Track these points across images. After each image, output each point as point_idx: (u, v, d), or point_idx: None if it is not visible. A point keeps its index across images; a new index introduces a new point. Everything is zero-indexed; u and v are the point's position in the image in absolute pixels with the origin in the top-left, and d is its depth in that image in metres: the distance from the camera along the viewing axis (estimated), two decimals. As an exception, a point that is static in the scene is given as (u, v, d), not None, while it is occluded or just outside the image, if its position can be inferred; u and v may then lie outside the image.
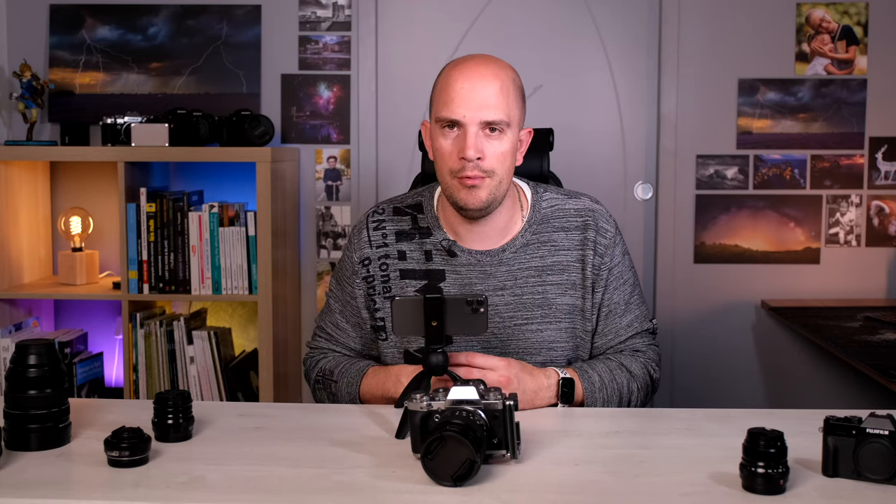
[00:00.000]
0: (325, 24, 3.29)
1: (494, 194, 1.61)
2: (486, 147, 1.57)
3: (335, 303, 1.81)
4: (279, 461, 1.29)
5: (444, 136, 1.60)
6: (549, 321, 1.69)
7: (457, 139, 1.58)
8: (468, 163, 1.56)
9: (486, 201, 1.60)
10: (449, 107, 1.58)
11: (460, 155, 1.57)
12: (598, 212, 1.74)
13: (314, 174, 3.32)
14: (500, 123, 1.58)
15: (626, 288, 1.75)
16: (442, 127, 1.60)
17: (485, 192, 1.59)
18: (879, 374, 2.20)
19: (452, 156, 1.59)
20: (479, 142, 1.57)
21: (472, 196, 1.59)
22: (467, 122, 1.57)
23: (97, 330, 3.28)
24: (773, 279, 3.27)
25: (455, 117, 1.57)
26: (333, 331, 1.81)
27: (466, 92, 1.57)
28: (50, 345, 1.35)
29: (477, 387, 1.27)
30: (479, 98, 1.57)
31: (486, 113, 1.57)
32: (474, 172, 1.57)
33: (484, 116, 1.57)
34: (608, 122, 3.32)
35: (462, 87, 1.57)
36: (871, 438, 1.17)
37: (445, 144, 1.60)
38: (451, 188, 1.61)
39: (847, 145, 3.24)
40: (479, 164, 1.57)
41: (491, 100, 1.57)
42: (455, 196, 1.61)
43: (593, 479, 1.24)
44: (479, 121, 1.57)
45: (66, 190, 3.31)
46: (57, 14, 3.31)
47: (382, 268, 1.73)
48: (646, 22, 3.29)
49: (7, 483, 1.20)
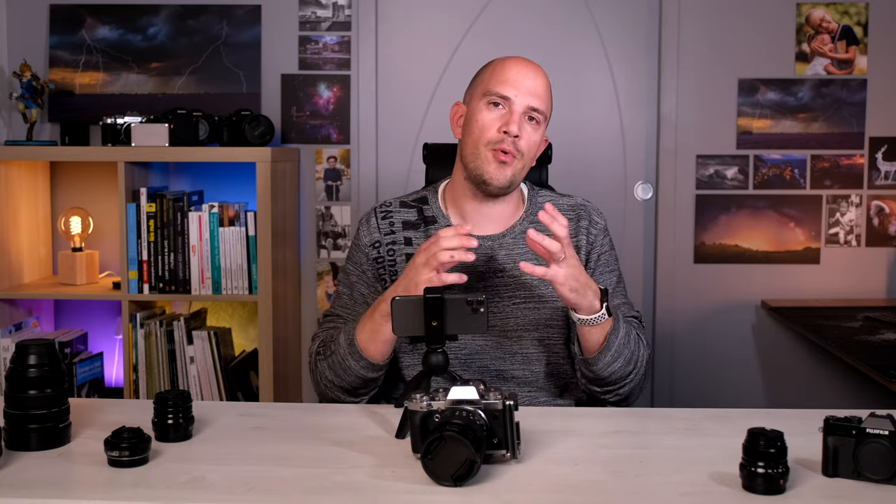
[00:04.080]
0: (325, 24, 3.29)
1: (517, 176, 1.73)
2: (524, 130, 1.70)
3: (344, 288, 1.84)
4: (279, 461, 1.29)
5: (489, 110, 1.71)
6: (546, 301, 1.76)
7: (502, 115, 1.70)
8: (508, 137, 1.68)
9: (510, 180, 1.71)
10: (503, 84, 1.70)
11: (503, 128, 1.68)
12: (589, 206, 1.87)
13: (314, 174, 3.32)
14: (541, 113, 1.72)
15: (613, 277, 1.82)
16: (488, 103, 1.71)
17: (511, 171, 1.70)
18: (879, 374, 2.20)
19: (494, 128, 1.70)
20: (521, 122, 1.69)
21: (501, 172, 1.70)
22: (516, 101, 1.69)
23: (97, 330, 3.28)
24: (773, 279, 3.27)
25: (507, 94, 1.69)
26: (343, 311, 1.81)
27: (521, 77, 1.70)
28: (50, 345, 1.35)
29: (477, 387, 1.27)
30: (530, 85, 1.70)
31: (533, 99, 1.70)
32: (510, 147, 1.69)
33: (531, 102, 1.70)
34: (608, 122, 3.32)
35: (518, 72, 1.71)
36: (871, 438, 1.17)
37: (489, 117, 1.71)
38: (482, 160, 1.71)
39: (847, 145, 3.24)
40: (516, 142, 1.69)
41: (539, 90, 1.72)
42: (483, 168, 1.71)
43: (593, 479, 1.24)
44: (526, 104, 1.70)
45: (66, 190, 3.31)
46: (57, 14, 3.31)
47: (390, 253, 1.81)
48: (646, 22, 3.29)
49: (7, 483, 1.20)
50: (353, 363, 1.65)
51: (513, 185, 1.73)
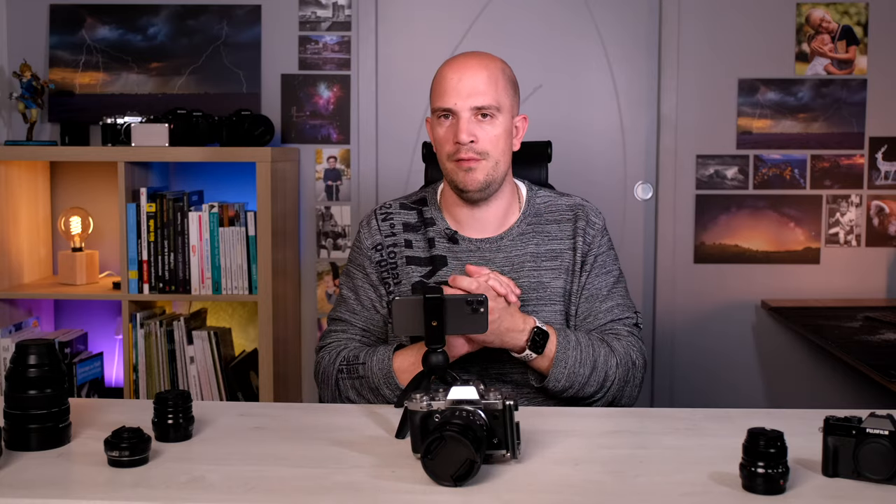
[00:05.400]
0: (325, 24, 3.29)
1: (491, 176, 1.73)
2: (478, 131, 1.71)
3: (349, 291, 1.84)
4: (279, 461, 1.29)
5: (440, 125, 1.74)
6: (544, 303, 1.77)
7: (451, 126, 1.72)
8: (462, 146, 1.69)
9: (484, 182, 1.72)
10: (442, 97, 1.72)
11: (455, 140, 1.70)
12: (588, 207, 1.87)
13: (314, 174, 3.32)
14: (490, 108, 1.71)
15: (609, 278, 1.82)
16: (438, 117, 1.74)
17: (481, 173, 1.72)
18: (879, 374, 2.20)
19: (448, 141, 1.72)
20: (471, 126, 1.70)
21: (470, 177, 1.72)
22: (459, 109, 1.70)
23: (97, 330, 3.28)
24: (773, 279, 3.26)
25: (447, 106, 1.71)
26: (350, 317, 1.82)
27: (456, 82, 1.71)
28: (50, 345, 1.35)
29: (477, 387, 1.27)
30: (468, 86, 1.70)
31: (475, 99, 1.70)
32: (469, 154, 1.70)
33: (474, 102, 1.70)
34: (608, 122, 3.32)
35: (452, 78, 1.72)
36: (871, 438, 1.17)
37: (442, 132, 1.74)
38: (450, 172, 1.74)
39: (847, 145, 3.24)
40: (473, 147, 1.70)
41: (480, 87, 1.70)
42: (454, 179, 1.74)
43: (593, 479, 1.24)
44: (469, 107, 1.70)
45: (66, 190, 3.31)
46: (57, 14, 3.31)
47: (391, 255, 1.82)
48: (646, 22, 3.29)
49: (7, 483, 1.20)
50: (387, 391, 1.66)
51: (492, 184, 1.73)
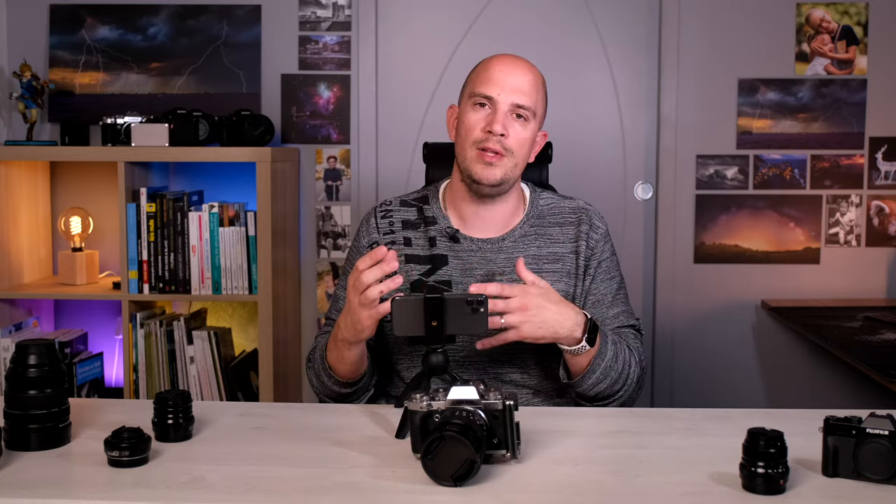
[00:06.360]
0: (325, 24, 3.29)
1: (508, 175, 1.71)
2: (510, 128, 1.69)
3: (342, 291, 1.83)
4: (279, 461, 1.29)
5: (474, 111, 1.71)
6: None
7: (486, 115, 1.70)
8: (493, 136, 1.68)
9: (500, 179, 1.70)
10: (486, 84, 1.70)
11: (487, 128, 1.68)
12: (591, 210, 1.85)
13: (314, 174, 3.32)
14: (528, 110, 1.71)
15: (613, 284, 1.81)
16: (474, 103, 1.71)
17: (500, 170, 1.70)
18: (879, 374, 2.20)
19: (478, 128, 1.70)
20: (507, 120, 1.69)
21: (488, 172, 1.69)
22: (500, 100, 1.69)
23: (97, 330, 3.28)
24: (773, 279, 3.26)
25: (490, 94, 1.69)
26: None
27: (504, 75, 1.70)
28: (50, 345, 1.35)
29: (477, 387, 1.27)
30: (514, 82, 1.70)
31: (518, 97, 1.69)
32: (496, 147, 1.68)
33: (516, 99, 1.69)
34: (608, 122, 3.32)
35: (501, 70, 1.71)
36: (871, 438, 1.17)
37: (474, 118, 1.71)
38: (469, 160, 1.71)
39: (847, 145, 3.24)
40: (502, 141, 1.68)
41: (525, 87, 1.71)
42: (472, 168, 1.71)
43: (593, 479, 1.24)
44: (510, 102, 1.69)
45: (66, 190, 3.31)
46: (57, 14, 3.31)
47: None
48: (646, 22, 3.29)
49: (7, 483, 1.20)
50: (326, 379, 1.70)
51: (505, 183, 1.72)
